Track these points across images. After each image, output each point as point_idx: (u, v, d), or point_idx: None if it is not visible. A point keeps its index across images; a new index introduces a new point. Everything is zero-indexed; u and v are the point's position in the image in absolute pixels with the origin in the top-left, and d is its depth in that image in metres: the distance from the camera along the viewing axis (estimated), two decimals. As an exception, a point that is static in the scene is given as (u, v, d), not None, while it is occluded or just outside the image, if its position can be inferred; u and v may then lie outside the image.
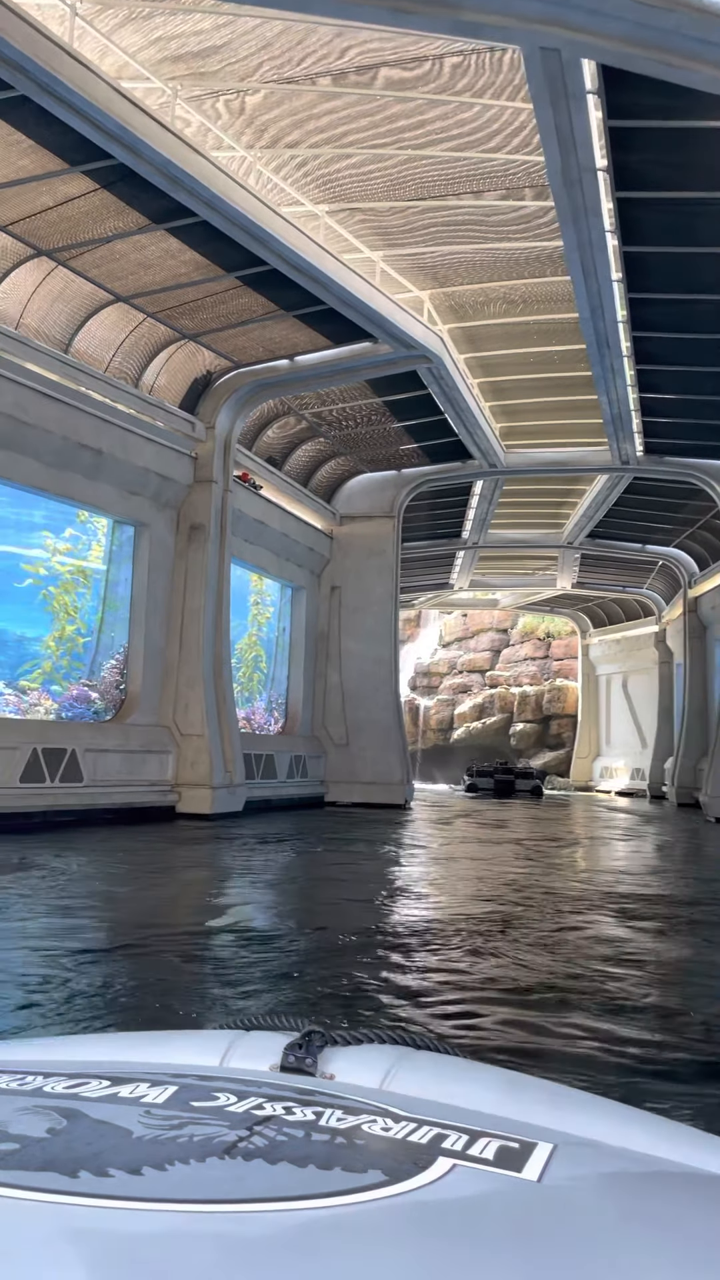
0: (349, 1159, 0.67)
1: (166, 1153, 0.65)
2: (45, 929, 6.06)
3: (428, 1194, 0.63)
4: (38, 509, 14.72)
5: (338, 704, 21.36)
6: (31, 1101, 0.75)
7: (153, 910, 7.32)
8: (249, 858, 10.99)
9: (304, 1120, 0.74)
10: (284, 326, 14.87)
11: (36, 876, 8.28)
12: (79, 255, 12.52)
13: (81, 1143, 0.67)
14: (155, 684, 15.49)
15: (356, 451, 20.56)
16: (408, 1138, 0.73)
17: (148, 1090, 0.79)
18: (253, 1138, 0.69)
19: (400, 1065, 0.94)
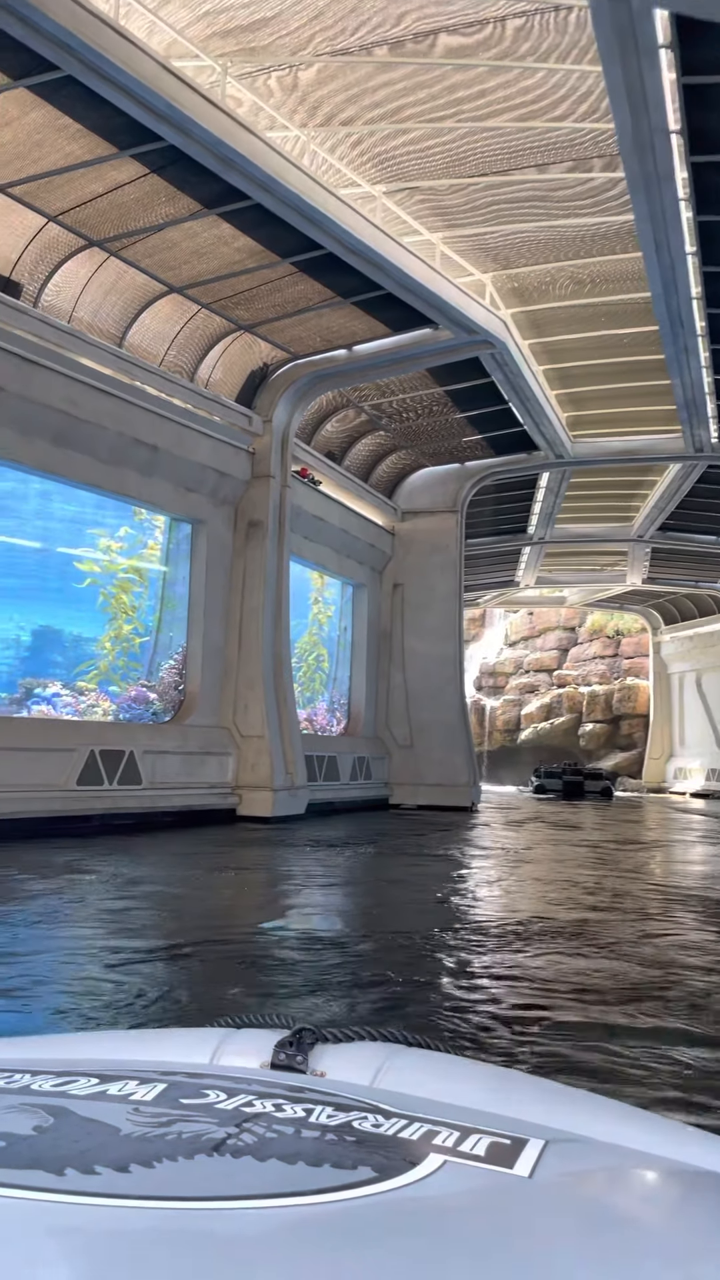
0: (339, 1156, 0.66)
1: (154, 1150, 0.65)
2: (107, 933, 5.85)
3: (419, 1190, 0.63)
4: (94, 507, 14.49)
5: (401, 704, 20.86)
6: (18, 1100, 0.74)
7: (214, 914, 7.06)
8: (312, 861, 10.58)
9: (294, 1117, 0.73)
10: (341, 314, 14.43)
11: (98, 881, 7.96)
12: (131, 245, 12.23)
13: (69, 1140, 0.67)
14: (214, 684, 15.16)
15: (418, 444, 20.04)
16: (399, 1134, 0.72)
17: (136, 1088, 0.78)
18: (242, 1135, 0.68)
19: (391, 1062, 0.94)
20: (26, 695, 14.00)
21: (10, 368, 11.51)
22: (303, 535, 17.46)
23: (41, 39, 8.61)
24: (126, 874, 8.81)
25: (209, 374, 14.92)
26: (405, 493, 21.36)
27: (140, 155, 10.55)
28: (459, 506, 20.96)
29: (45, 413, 12.11)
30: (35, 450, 12.28)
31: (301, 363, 15.56)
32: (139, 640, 15.36)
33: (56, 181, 10.87)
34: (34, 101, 9.66)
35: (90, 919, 6.43)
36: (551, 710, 40.95)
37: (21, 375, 11.67)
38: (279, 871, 9.98)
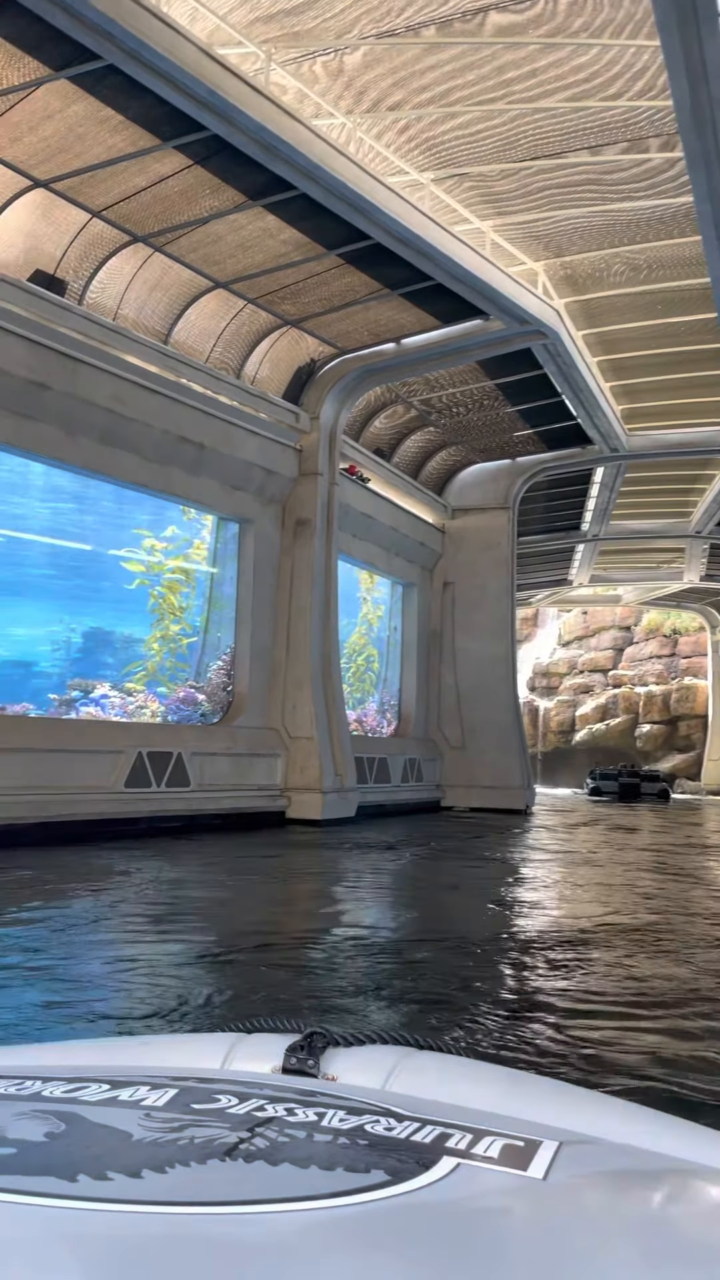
0: (352, 1159, 0.67)
1: (167, 1155, 0.65)
2: (154, 939, 5.70)
3: (432, 1193, 0.62)
4: (140, 507, 14.37)
5: (453, 705, 20.50)
6: (30, 1106, 0.74)
7: (263, 919, 6.89)
8: (364, 865, 10.32)
9: (306, 1121, 0.73)
10: (389, 307, 14.13)
11: (145, 885, 7.77)
12: (175, 239, 12.07)
13: (80, 1146, 0.67)
14: (262, 685, 14.96)
15: (468, 440, 19.67)
16: (411, 1137, 0.72)
17: (148, 1093, 0.77)
18: (254, 1139, 0.68)
19: (403, 1065, 0.93)
20: (76, 697, 13.93)
21: (56, 366, 11.42)
22: (351, 533, 17.20)
23: (83, 28, 8.45)
24: (173, 877, 8.67)
25: (255, 370, 14.72)
26: (455, 489, 21.00)
27: (183, 146, 10.36)
28: (511, 503, 20.54)
29: (91, 411, 12.00)
30: (81, 449, 12.18)
31: (349, 358, 15.30)
32: (186, 641, 15.22)
33: (99, 176, 10.73)
34: (76, 93, 9.52)
35: (136, 924, 6.30)
36: (607, 711, 40.21)
37: (67, 373, 11.56)
38: (329, 875, 9.74)
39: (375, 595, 20.21)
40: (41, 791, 11.07)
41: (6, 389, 11.02)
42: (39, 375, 11.27)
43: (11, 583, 12.85)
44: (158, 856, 10.10)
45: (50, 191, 10.88)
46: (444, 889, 9.29)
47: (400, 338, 14.95)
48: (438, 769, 20.23)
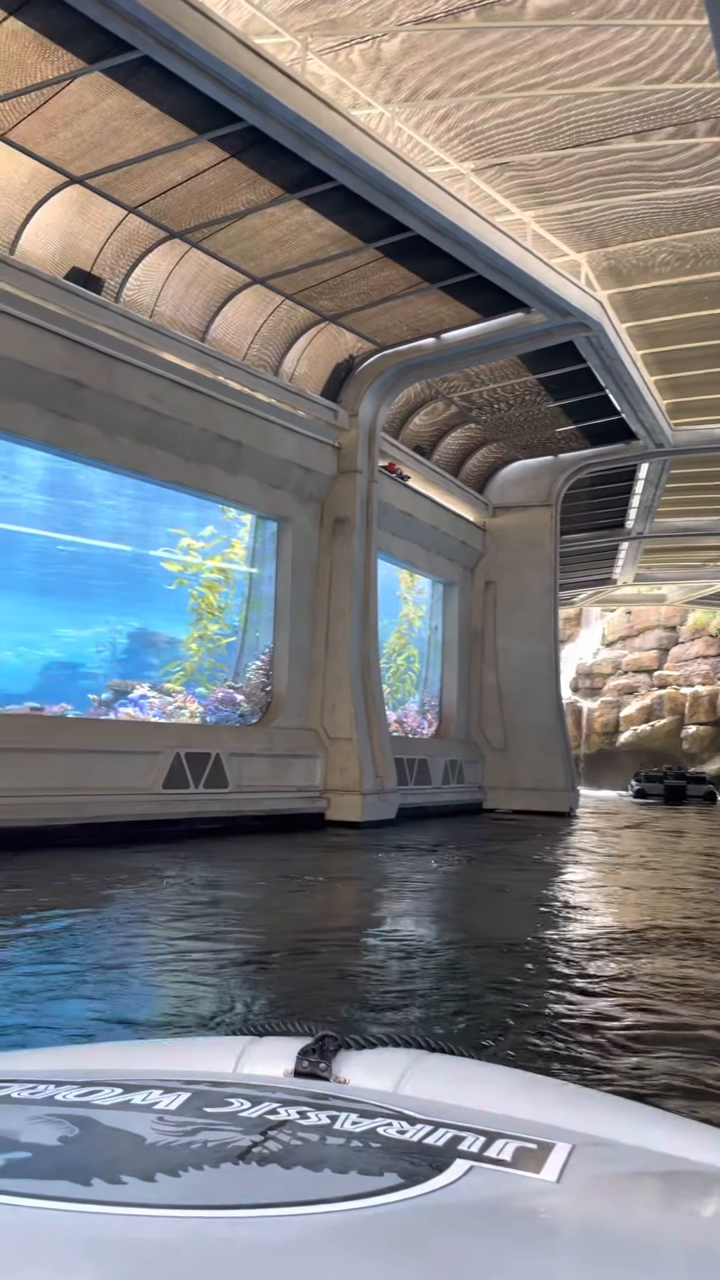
0: (365, 1162, 0.67)
1: (180, 1159, 0.65)
2: (193, 941, 5.61)
3: (445, 1196, 0.62)
4: (178, 506, 14.28)
5: (494, 705, 20.20)
6: (43, 1110, 0.74)
7: (304, 922, 6.78)
8: (405, 867, 10.10)
9: (319, 1124, 0.73)
10: (428, 301, 13.90)
11: (185, 886, 7.63)
12: (211, 235, 11.94)
13: (94, 1150, 0.67)
14: (301, 685, 14.79)
15: (510, 437, 19.36)
16: (424, 1140, 0.72)
17: (160, 1097, 0.77)
18: (267, 1143, 0.68)
19: (414, 1068, 0.93)
20: (115, 697, 13.88)
21: (93, 364, 11.34)
22: (390, 532, 16.99)
23: (116, 17, 8.33)
24: (210, 879, 8.53)
25: (293, 368, 14.57)
26: (497, 487, 20.70)
27: (219, 139, 10.23)
28: (553, 500, 20.20)
29: (128, 409, 11.91)
30: (119, 448, 12.10)
31: (388, 353, 15.09)
32: (225, 641, 15.10)
33: (135, 171, 10.63)
34: (110, 87, 9.41)
35: (177, 926, 6.19)
36: (652, 712, 39.57)
37: (104, 372, 11.48)
38: (370, 878, 9.55)
39: (416, 595, 19.98)
40: (81, 792, 10.99)
41: (44, 388, 10.96)
42: (76, 374, 11.20)
43: (55, 584, 12.87)
44: (196, 858, 9.97)
45: (86, 188, 10.81)
46: (488, 890, 9.09)
47: (440, 332, 14.71)
48: (479, 771, 19.94)
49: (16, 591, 12.35)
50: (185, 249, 12.16)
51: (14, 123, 9.70)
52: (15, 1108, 0.75)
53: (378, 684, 15.49)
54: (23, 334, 10.61)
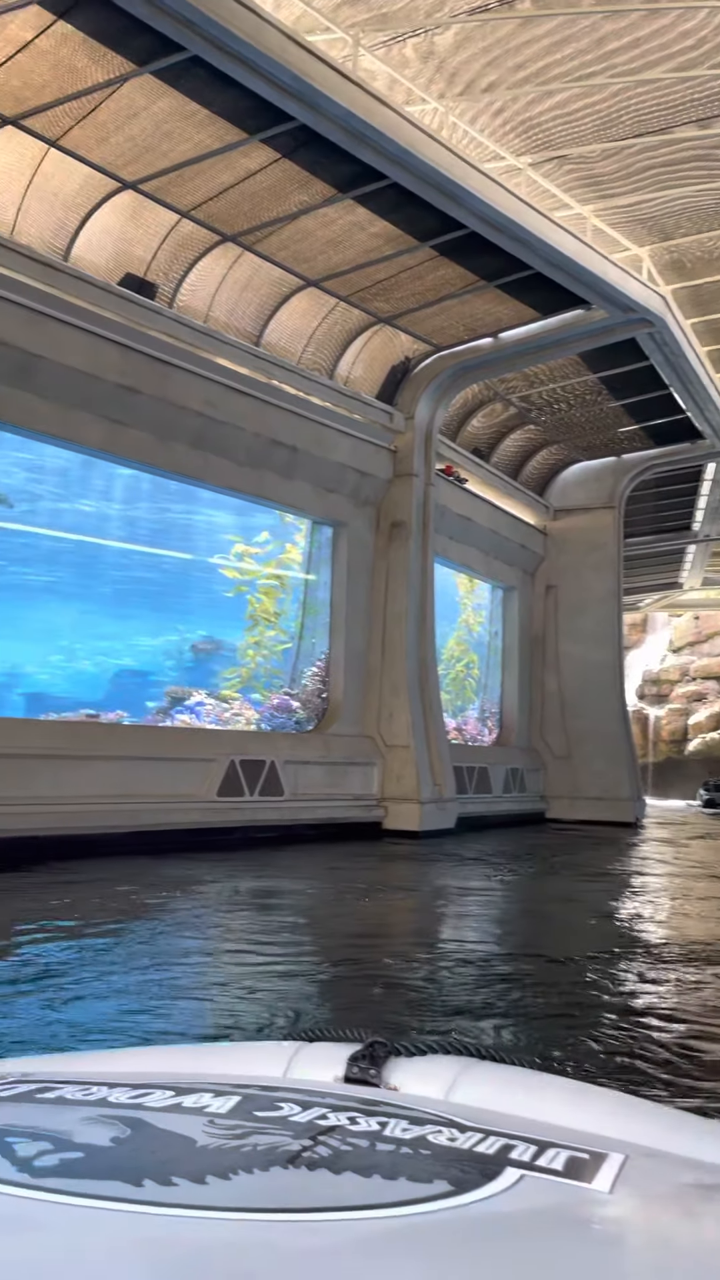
0: (415, 1169, 0.66)
1: (230, 1162, 0.65)
2: (249, 952, 5.57)
3: (496, 1204, 0.62)
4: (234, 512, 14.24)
5: (556, 713, 19.76)
6: (97, 1111, 0.74)
7: (362, 933, 6.61)
8: (464, 878, 9.84)
9: (368, 1130, 0.73)
10: (485, 300, 13.63)
11: (241, 896, 7.48)
12: (265, 238, 11.85)
13: (146, 1151, 0.67)
14: (357, 692, 14.59)
15: (571, 438, 18.96)
16: (474, 1148, 0.72)
17: (211, 1100, 0.78)
18: (317, 1147, 0.68)
19: (465, 1076, 0.93)
20: (172, 704, 13.87)
21: (147, 370, 11.31)
22: (448, 536, 16.71)
23: (164, 17, 8.26)
24: (267, 889, 8.40)
25: (348, 370, 14.41)
26: (558, 489, 20.29)
27: (270, 139, 10.12)
28: (616, 502, 19.72)
29: (183, 415, 11.86)
30: (173, 454, 12.05)
31: (445, 354, 14.85)
32: (281, 647, 14.99)
33: (186, 174, 10.57)
34: (161, 89, 9.36)
35: (229, 937, 6.16)
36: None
37: (158, 377, 11.45)
38: (428, 888, 9.32)
39: (476, 601, 19.66)
40: (134, 800, 10.92)
41: (99, 394, 10.95)
42: (130, 380, 11.17)
43: (129, 594, 13.12)
44: (250, 867, 9.83)
45: (138, 193, 10.78)
46: (553, 902, 8.85)
47: (497, 332, 14.42)
48: (541, 779, 19.53)
49: (95, 602, 12.64)
50: (238, 253, 12.08)
51: (66, 129, 9.70)
52: (69, 1108, 0.77)
53: (435, 690, 15.23)
54: (78, 341, 10.60)
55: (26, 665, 12.08)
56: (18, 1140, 0.68)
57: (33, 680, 12.11)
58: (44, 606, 12.05)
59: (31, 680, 12.09)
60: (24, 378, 10.23)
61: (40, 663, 12.26)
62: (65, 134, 9.77)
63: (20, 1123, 0.73)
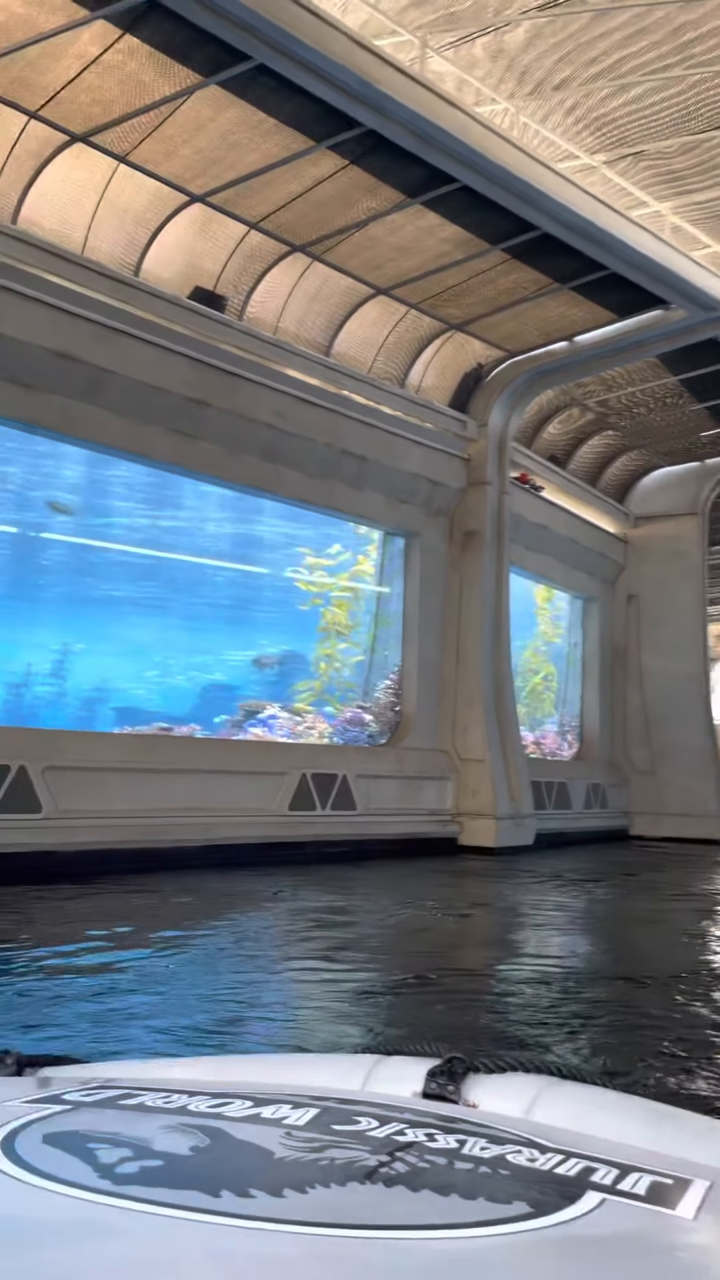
0: (493, 1189, 0.66)
1: (308, 1175, 0.65)
2: (322, 968, 5.52)
3: (576, 1228, 0.61)
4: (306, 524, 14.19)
5: (640, 726, 19.18)
6: (177, 1120, 0.75)
7: (440, 950, 6.53)
8: (544, 896, 9.53)
9: (447, 1148, 0.72)
10: (560, 302, 13.31)
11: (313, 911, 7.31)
12: (333, 247, 11.75)
13: (224, 1162, 0.68)
14: (431, 705, 14.32)
15: (651, 443, 18.43)
16: (554, 1169, 0.71)
17: (289, 1112, 0.78)
18: (394, 1163, 0.68)
19: (546, 1095, 0.92)
20: (246, 717, 13.83)
21: (216, 383, 11.29)
22: (524, 545, 16.35)
23: (229, 24, 8.22)
24: (340, 904, 8.23)
25: (420, 379, 14.22)
26: (638, 496, 19.74)
27: (337, 146, 10.02)
28: (700, 508, 19.09)
29: (253, 428, 11.81)
30: (244, 467, 12.01)
31: (519, 360, 14.55)
32: (355, 659, 14.83)
33: (254, 185, 10.54)
34: (227, 100, 9.34)
35: (307, 952, 6.08)
36: None
37: (228, 390, 11.42)
38: (505, 906, 9.03)
39: (554, 612, 19.21)
40: (206, 814, 10.85)
41: (168, 408, 10.96)
42: (200, 393, 11.17)
43: (220, 610, 13.41)
44: (323, 882, 9.66)
45: (207, 205, 10.79)
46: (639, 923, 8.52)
47: (572, 335, 14.08)
48: (624, 795, 18.95)
49: (185, 617, 12.91)
50: (307, 263, 12.01)
51: (135, 144, 9.75)
52: (150, 1116, 0.77)
53: (512, 703, 14.88)
54: (148, 356, 10.64)
55: (122, 680, 12.34)
56: (99, 1146, 0.69)
57: (127, 695, 12.35)
58: (137, 622, 12.36)
59: (126, 695, 12.35)
60: (95, 393, 10.30)
61: (136, 678, 12.52)
62: (134, 149, 9.83)
63: (103, 1129, 0.74)
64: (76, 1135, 0.72)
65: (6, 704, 11.13)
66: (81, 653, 11.83)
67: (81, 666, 11.81)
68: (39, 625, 11.46)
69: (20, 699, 11.35)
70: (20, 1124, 0.73)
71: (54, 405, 10.08)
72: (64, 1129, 0.73)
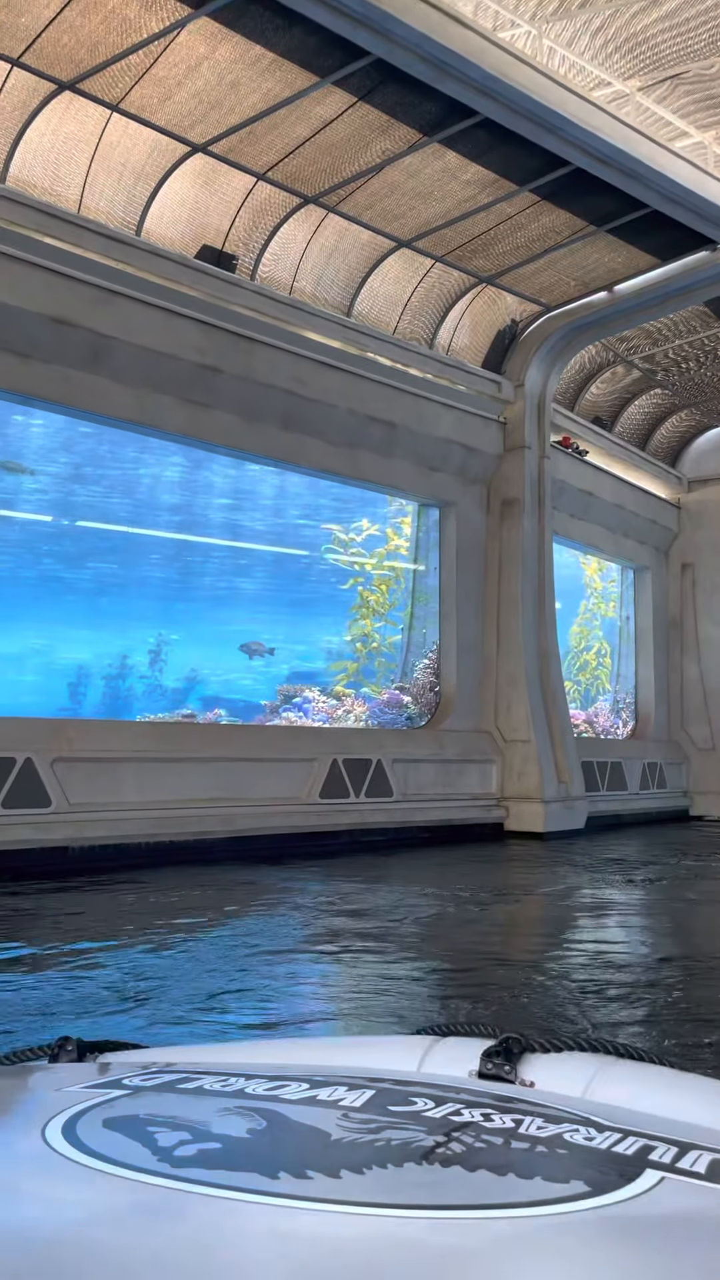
0: (550, 1168, 0.66)
1: (364, 1157, 0.66)
2: (378, 968, 5.16)
3: (635, 1207, 0.61)
4: (335, 499, 13.54)
5: (698, 701, 18.17)
6: (235, 1103, 0.76)
7: (487, 944, 5.86)
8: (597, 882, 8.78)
9: (503, 1128, 0.73)
10: (596, 248, 12.40)
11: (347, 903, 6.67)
12: (348, 196, 11.00)
13: (282, 1144, 0.69)
14: (472, 684, 13.56)
15: (703, 401, 17.35)
16: (612, 1148, 0.70)
17: (345, 1094, 0.79)
18: (450, 1144, 0.69)
19: (603, 1074, 0.92)
20: (284, 701, 13.27)
21: (229, 347, 10.64)
22: (569, 514, 15.46)
23: (211, -55, 7.53)
24: (375, 896, 7.60)
25: (450, 339, 13.41)
26: (692, 458, 18.67)
27: (344, 81, 9.27)
28: (758, 469, 17.98)
29: (270, 394, 11.14)
30: (262, 436, 11.35)
31: (555, 314, 13.65)
32: (391, 639, 14.14)
33: (259, 131, 9.83)
34: (220, 33, 8.65)
35: (336, 945, 5.74)
36: None
37: (242, 355, 10.77)
38: (556, 894, 8.32)
39: (608, 587, 18.25)
40: (230, 804, 10.27)
41: (178, 376, 10.35)
42: (212, 359, 10.53)
43: (309, 597, 13.60)
44: (356, 873, 9.01)
45: (209, 156, 10.11)
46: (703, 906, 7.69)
47: (612, 284, 13.14)
48: (684, 774, 17.98)
49: (275, 605, 13.22)
50: (321, 215, 11.28)
51: (126, 89, 9.11)
52: (208, 1099, 0.77)
53: (558, 680, 14.05)
54: (154, 320, 10.02)
55: (213, 669, 12.72)
56: (159, 1130, 0.69)
57: (217, 684, 12.68)
58: (228, 610, 12.88)
59: (214, 684, 12.62)
60: (98, 361, 9.71)
61: (229, 666, 12.91)
62: (125, 96, 9.18)
63: (162, 1113, 0.74)
64: (136, 1119, 0.73)
65: (105, 697, 11.52)
66: (175, 643, 12.32)
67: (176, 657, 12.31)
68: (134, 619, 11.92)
69: (116, 691, 11.71)
70: (81, 1109, 0.74)
71: (53, 375, 9.51)
72: (124, 1113, 0.74)
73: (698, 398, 17.21)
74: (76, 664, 11.44)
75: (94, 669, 11.56)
